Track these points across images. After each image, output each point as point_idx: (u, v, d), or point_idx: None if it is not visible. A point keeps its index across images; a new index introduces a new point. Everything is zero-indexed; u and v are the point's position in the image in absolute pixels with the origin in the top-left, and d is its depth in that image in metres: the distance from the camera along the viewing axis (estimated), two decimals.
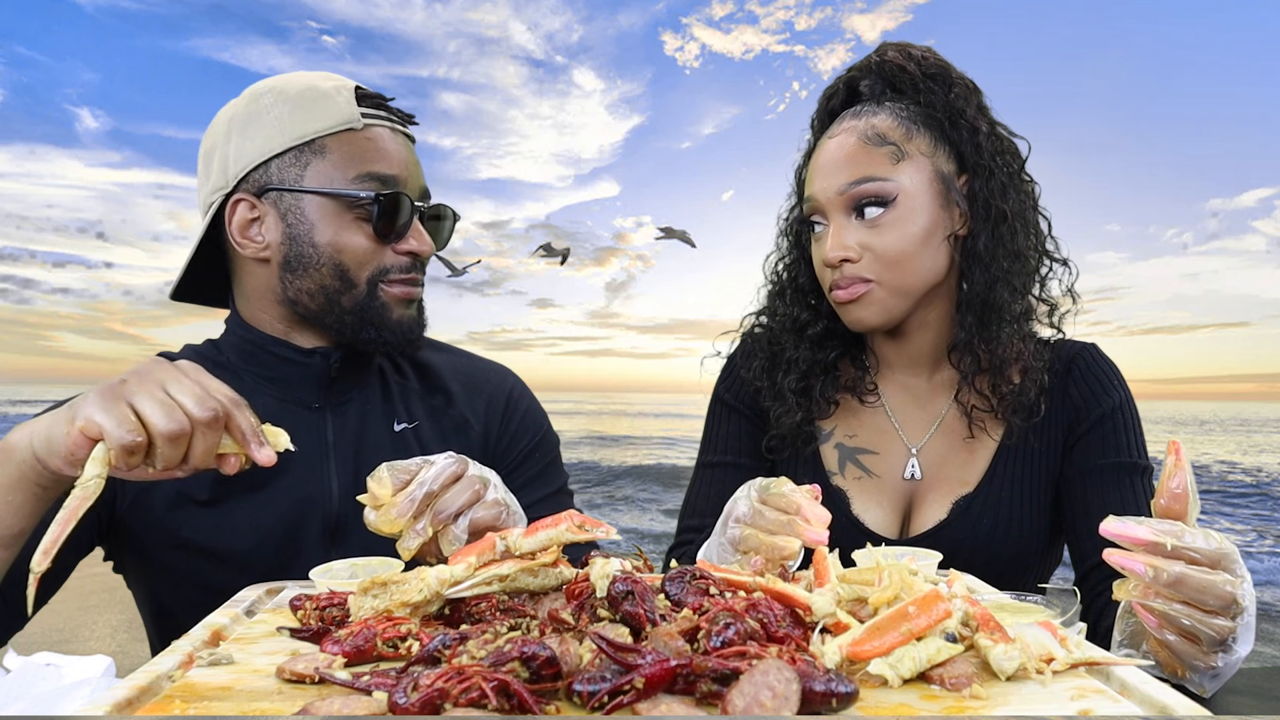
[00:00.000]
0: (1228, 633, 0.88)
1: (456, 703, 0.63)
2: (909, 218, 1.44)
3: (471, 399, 1.60)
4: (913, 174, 1.45)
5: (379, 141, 1.40)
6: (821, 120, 1.59)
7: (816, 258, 1.52)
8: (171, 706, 0.71)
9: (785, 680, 0.62)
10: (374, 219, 1.37)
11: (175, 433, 0.94)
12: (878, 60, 1.53)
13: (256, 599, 1.11)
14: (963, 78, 1.53)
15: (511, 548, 0.99)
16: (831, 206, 1.46)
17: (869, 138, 1.46)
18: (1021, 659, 0.75)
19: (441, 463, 1.14)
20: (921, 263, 1.46)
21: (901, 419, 1.61)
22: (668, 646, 0.71)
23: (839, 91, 1.57)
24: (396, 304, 1.43)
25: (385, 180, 1.38)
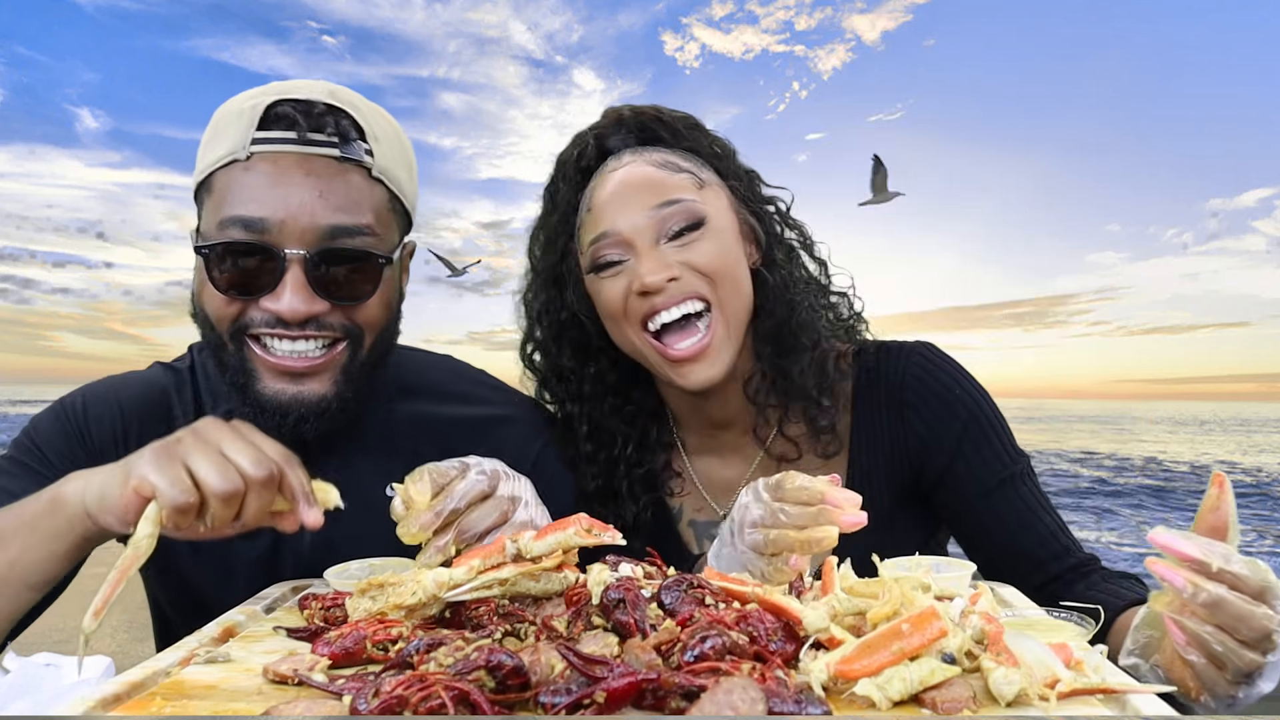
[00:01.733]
0: (1256, 666, 0.83)
1: (415, 710, 0.62)
2: (721, 237, 1.35)
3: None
4: (715, 200, 1.38)
5: (258, 176, 1.17)
6: (573, 181, 1.44)
7: (617, 292, 1.35)
8: (153, 704, 0.72)
9: (750, 699, 0.59)
10: (210, 271, 1.18)
11: (230, 493, 0.91)
12: (626, 115, 1.44)
13: (280, 595, 1.13)
14: (712, 131, 1.46)
15: (523, 550, 0.98)
16: (638, 233, 1.33)
17: (663, 165, 1.37)
18: (1023, 684, 0.70)
19: (472, 478, 1.12)
20: (741, 281, 1.37)
21: (709, 483, 1.51)
22: (639, 660, 0.69)
23: (588, 149, 1.43)
24: (269, 373, 1.21)
25: (249, 224, 1.16)
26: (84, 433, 1.33)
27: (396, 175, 1.28)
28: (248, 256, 1.17)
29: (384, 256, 1.23)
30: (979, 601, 0.92)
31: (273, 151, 1.18)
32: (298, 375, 1.21)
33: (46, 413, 1.37)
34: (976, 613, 0.85)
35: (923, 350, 1.44)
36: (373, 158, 1.23)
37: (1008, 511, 1.36)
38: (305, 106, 1.20)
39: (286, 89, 1.23)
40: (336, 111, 1.22)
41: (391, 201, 1.28)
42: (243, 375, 1.22)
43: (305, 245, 1.17)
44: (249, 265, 1.17)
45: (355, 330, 1.24)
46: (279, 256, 1.16)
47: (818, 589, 0.99)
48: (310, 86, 1.24)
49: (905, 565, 1.08)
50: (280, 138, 1.18)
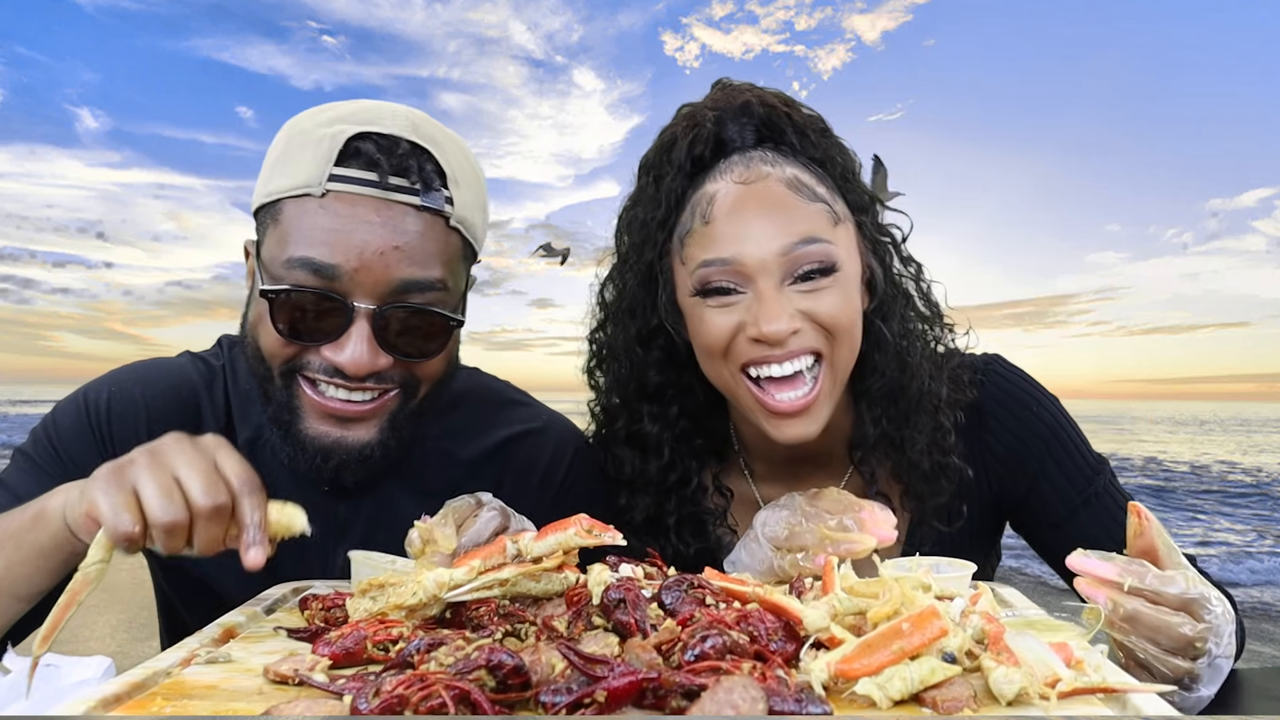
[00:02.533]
0: (1183, 673, 0.89)
1: (416, 710, 0.62)
2: (848, 282, 1.22)
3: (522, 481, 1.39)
4: (845, 241, 1.23)
5: (331, 216, 1.10)
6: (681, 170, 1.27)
7: (722, 327, 1.21)
8: (153, 704, 0.72)
9: (750, 699, 0.59)
10: (274, 316, 1.12)
11: (172, 523, 0.87)
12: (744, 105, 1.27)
13: (280, 596, 1.13)
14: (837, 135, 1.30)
15: (523, 551, 0.98)
16: (764, 269, 1.18)
17: (798, 189, 1.21)
18: (1023, 683, 0.70)
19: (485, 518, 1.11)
20: (857, 337, 1.24)
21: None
22: (639, 659, 0.69)
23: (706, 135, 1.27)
24: (315, 415, 1.16)
25: (319, 270, 1.09)
26: (105, 435, 1.27)
27: (473, 222, 1.22)
28: (315, 303, 1.11)
29: (455, 320, 1.19)
30: (979, 601, 0.92)
31: (350, 192, 1.11)
32: (345, 420, 1.17)
33: (69, 405, 1.30)
34: (977, 612, 0.85)
35: (997, 368, 1.37)
36: (452, 206, 1.17)
37: (1094, 526, 1.33)
38: (388, 144, 1.13)
39: (368, 117, 1.15)
40: (420, 152, 1.15)
41: (464, 249, 1.22)
42: (288, 413, 1.17)
43: (375, 298, 1.12)
44: (315, 312, 1.11)
45: (412, 381, 1.20)
46: (348, 308, 1.11)
47: (818, 589, 0.99)
48: (393, 115, 1.16)
49: (905, 565, 1.08)
50: (360, 178, 1.11)
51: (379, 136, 1.13)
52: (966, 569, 1.12)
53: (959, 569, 1.12)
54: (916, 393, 1.28)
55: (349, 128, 1.12)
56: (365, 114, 1.15)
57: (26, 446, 1.28)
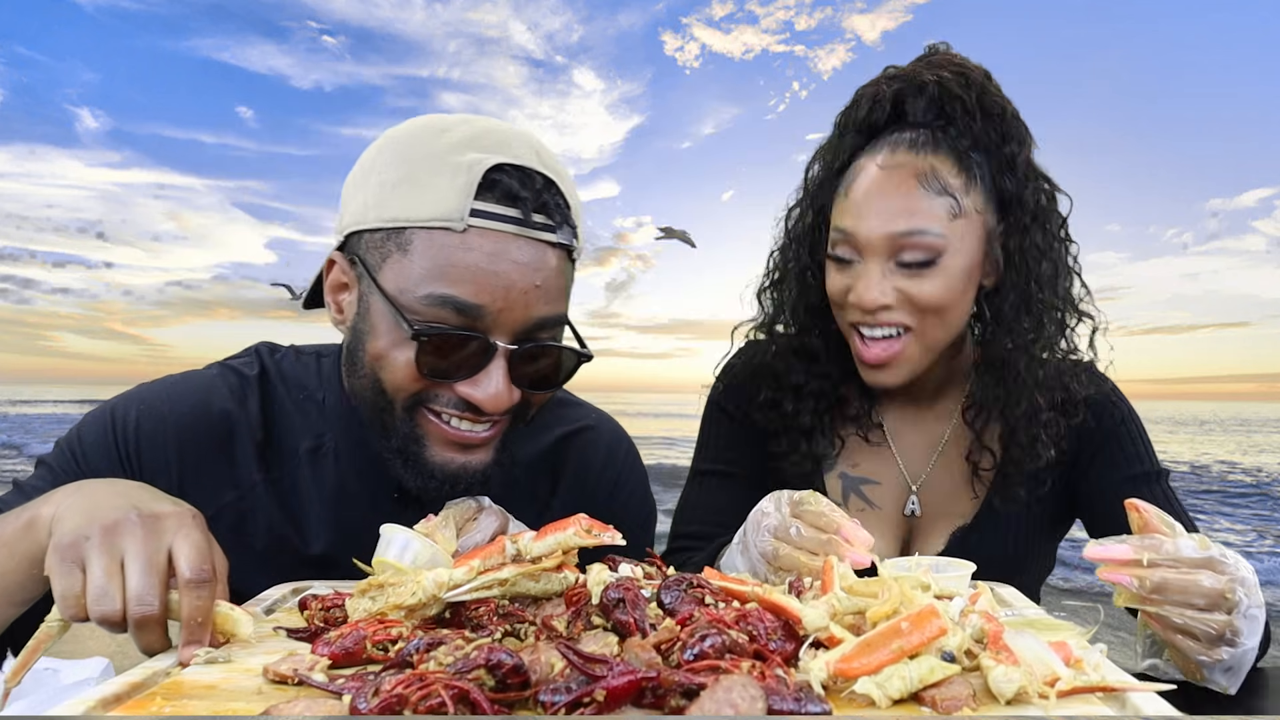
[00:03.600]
0: (1223, 626, 0.93)
1: (415, 709, 0.62)
2: (951, 274, 1.37)
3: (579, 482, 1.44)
4: (965, 232, 1.37)
5: (475, 254, 1.08)
6: (859, 131, 1.44)
7: (839, 286, 1.43)
8: (152, 704, 0.72)
9: (750, 698, 0.59)
10: (419, 354, 1.10)
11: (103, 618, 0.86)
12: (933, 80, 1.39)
13: (280, 597, 1.13)
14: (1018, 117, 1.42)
15: (522, 551, 0.98)
16: (872, 249, 1.36)
17: (927, 182, 1.35)
18: (1022, 682, 0.70)
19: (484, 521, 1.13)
20: (954, 316, 1.41)
21: (901, 446, 1.57)
22: (638, 658, 0.69)
23: (884, 105, 1.42)
24: (441, 444, 1.17)
25: (463, 310, 1.08)
26: (131, 452, 1.25)
27: (580, 251, 1.22)
28: (455, 345, 1.10)
29: (586, 355, 1.22)
30: (978, 601, 0.93)
31: (494, 229, 1.09)
32: (468, 447, 1.18)
33: (96, 420, 1.29)
34: (976, 612, 0.85)
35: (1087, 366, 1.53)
36: (576, 240, 1.18)
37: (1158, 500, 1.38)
38: (525, 178, 1.11)
39: (495, 142, 1.12)
40: (550, 186, 1.14)
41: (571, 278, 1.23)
42: (413, 443, 1.17)
43: (513, 337, 1.12)
44: (455, 353, 1.11)
45: (525, 409, 1.22)
46: (490, 347, 1.11)
47: (817, 589, 0.99)
48: (519, 141, 1.14)
49: (905, 565, 1.08)
50: (502, 214, 1.09)
51: (513, 168, 1.11)
52: (966, 568, 1.12)
53: (959, 569, 1.12)
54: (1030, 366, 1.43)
55: (484, 156, 1.10)
56: (492, 139, 1.13)
57: (49, 457, 1.28)
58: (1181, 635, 0.95)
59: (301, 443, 1.31)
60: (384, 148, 1.17)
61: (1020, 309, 1.41)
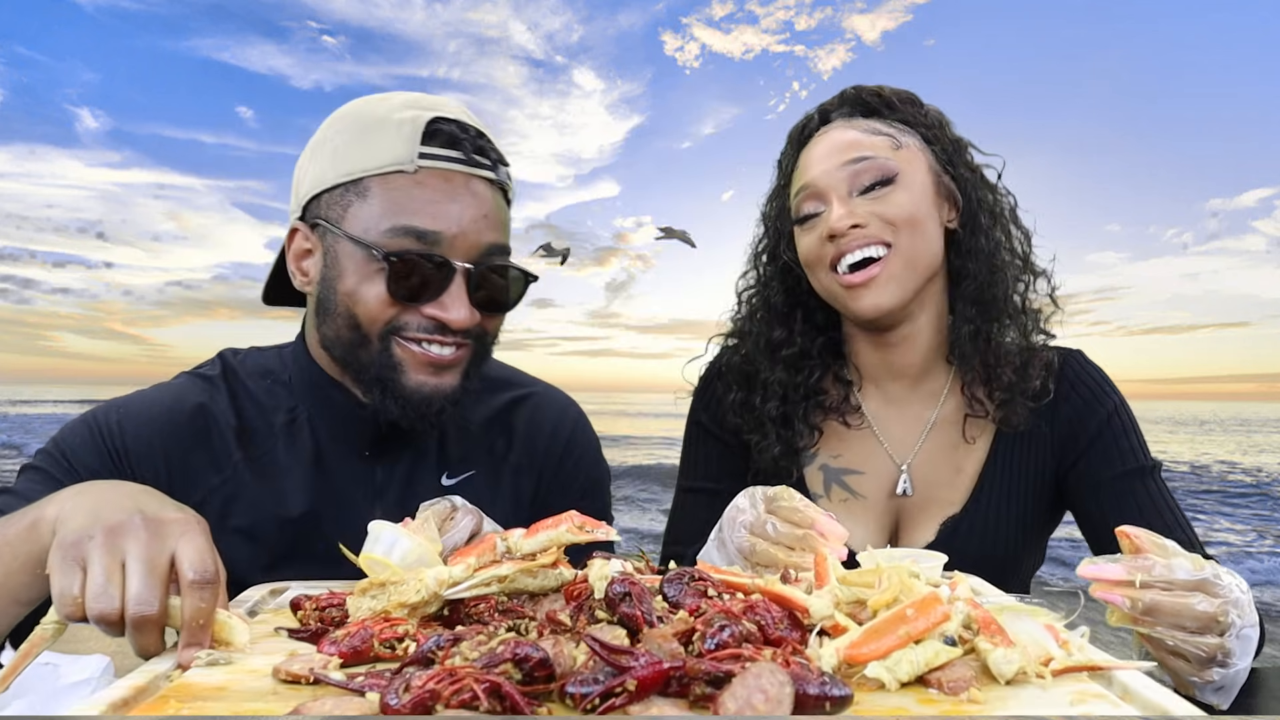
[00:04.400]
0: (1215, 649, 0.93)
1: (448, 704, 0.63)
2: (912, 191, 1.45)
3: (531, 442, 1.53)
4: (910, 159, 1.47)
5: (427, 189, 1.24)
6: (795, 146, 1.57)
7: (812, 241, 1.49)
8: (167, 706, 0.71)
9: (778, 683, 0.61)
10: (390, 279, 1.23)
11: (100, 616, 0.86)
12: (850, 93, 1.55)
13: (260, 599, 1.11)
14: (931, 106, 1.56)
15: (512, 549, 0.99)
16: (833, 185, 1.45)
17: (864, 130, 1.48)
18: (1021, 662, 0.74)
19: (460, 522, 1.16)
20: (928, 232, 1.46)
21: (887, 433, 1.59)
22: (661, 649, 0.71)
23: (812, 121, 1.56)
24: (415, 367, 1.28)
25: (423, 236, 1.22)
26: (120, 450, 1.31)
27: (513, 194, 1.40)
28: (421, 266, 1.23)
29: (531, 275, 1.35)
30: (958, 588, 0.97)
31: (442, 168, 1.25)
32: (439, 368, 1.29)
33: (75, 427, 1.33)
34: (960, 599, 0.89)
35: (1076, 354, 1.58)
36: (510, 182, 1.35)
37: (1134, 499, 1.45)
38: (461, 127, 1.28)
39: (433, 104, 1.30)
40: (483, 136, 1.31)
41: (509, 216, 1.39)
42: (390, 370, 1.28)
43: (469, 259, 1.26)
44: (420, 274, 1.23)
45: (484, 336, 1.34)
46: (450, 268, 1.24)
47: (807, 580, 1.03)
48: (450, 103, 1.32)
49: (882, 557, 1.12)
50: (447, 155, 1.26)
51: (450, 120, 1.28)
52: (938, 559, 1.16)
53: (931, 559, 1.17)
54: (1005, 294, 1.50)
55: (424, 112, 1.27)
56: (427, 101, 1.31)
57: (37, 462, 1.29)
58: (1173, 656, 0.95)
59: (275, 419, 1.41)
60: (332, 123, 1.32)
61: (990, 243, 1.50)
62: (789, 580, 1.04)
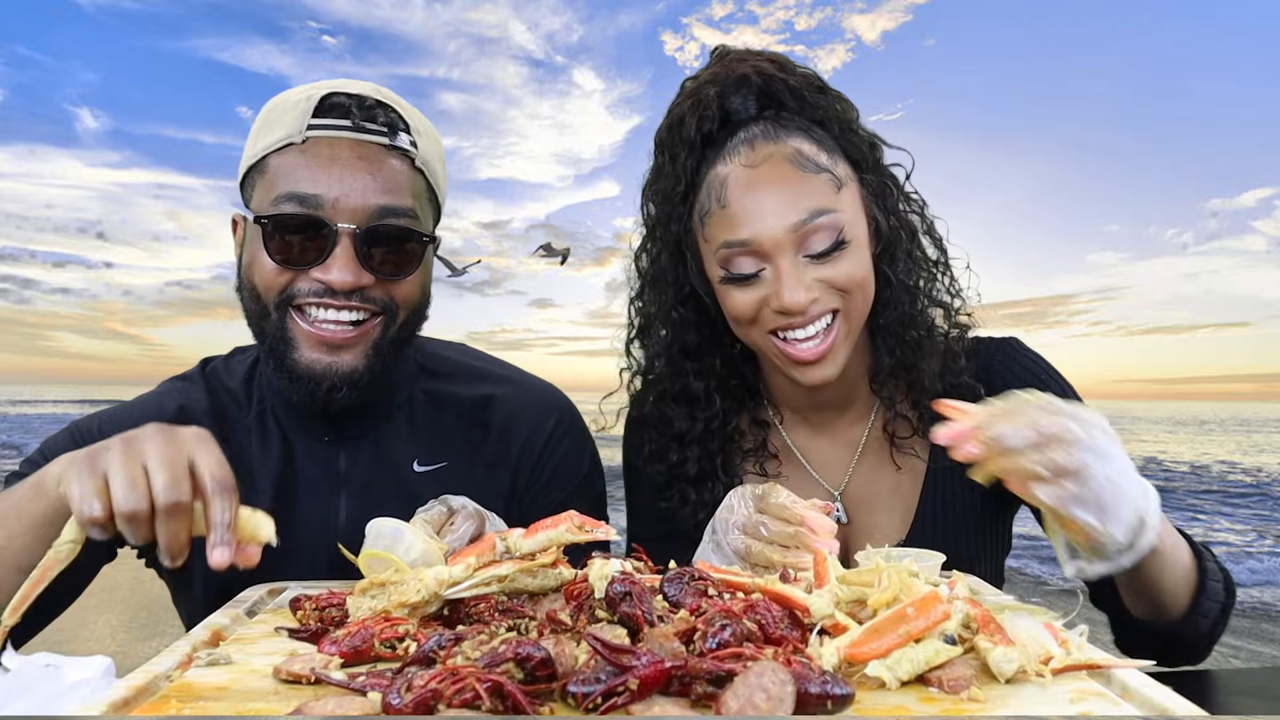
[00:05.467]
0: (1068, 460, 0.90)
1: (450, 703, 0.63)
2: (858, 247, 1.32)
3: (507, 438, 1.47)
4: (850, 204, 1.33)
5: (313, 155, 1.25)
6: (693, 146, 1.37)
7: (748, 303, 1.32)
8: (168, 706, 0.71)
9: (780, 682, 0.61)
10: (269, 242, 1.24)
11: (132, 513, 0.88)
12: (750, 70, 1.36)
13: (258, 599, 1.11)
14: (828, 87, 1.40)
15: (511, 549, 0.99)
16: (779, 247, 1.28)
17: (800, 164, 1.30)
18: (1021, 661, 0.75)
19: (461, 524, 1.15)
20: (870, 286, 1.35)
21: (815, 461, 1.50)
22: (663, 648, 0.71)
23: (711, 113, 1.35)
24: (309, 343, 1.26)
25: (304, 200, 1.23)
26: None
27: (434, 168, 1.37)
28: (301, 229, 1.23)
29: (426, 236, 1.32)
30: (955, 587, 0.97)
31: (328, 137, 1.26)
32: (334, 346, 1.27)
33: (60, 436, 1.40)
34: (959, 598, 0.89)
35: (1011, 342, 1.49)
36: (416, 149, 1.32)
37: None
38: (357, 99, 1.29)
39: (338, 84, 1.32)
40: (385, 105, 1.31)
41: (429, 191, 1.37)
42: (282, 344, 1.27)
43: (355, 221, 1.24)
44: (302, 237, 1.24)
45: (392, 306, 1.30)
46: (331, 229, 1.23)
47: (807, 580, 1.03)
48: (359, 85, 1.34)
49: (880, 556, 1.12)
50: (335, 124, 1.27)
51: (348, 94, 1.29)
52: (936, 559, 1.17)
53: (929, 559, 1.17)
54: (926, 320, 1.41)
55: (322, 89, 1.29)
56: (335, 83, 1.32)
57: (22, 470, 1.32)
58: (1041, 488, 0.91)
59: (249, 413, 1.44)
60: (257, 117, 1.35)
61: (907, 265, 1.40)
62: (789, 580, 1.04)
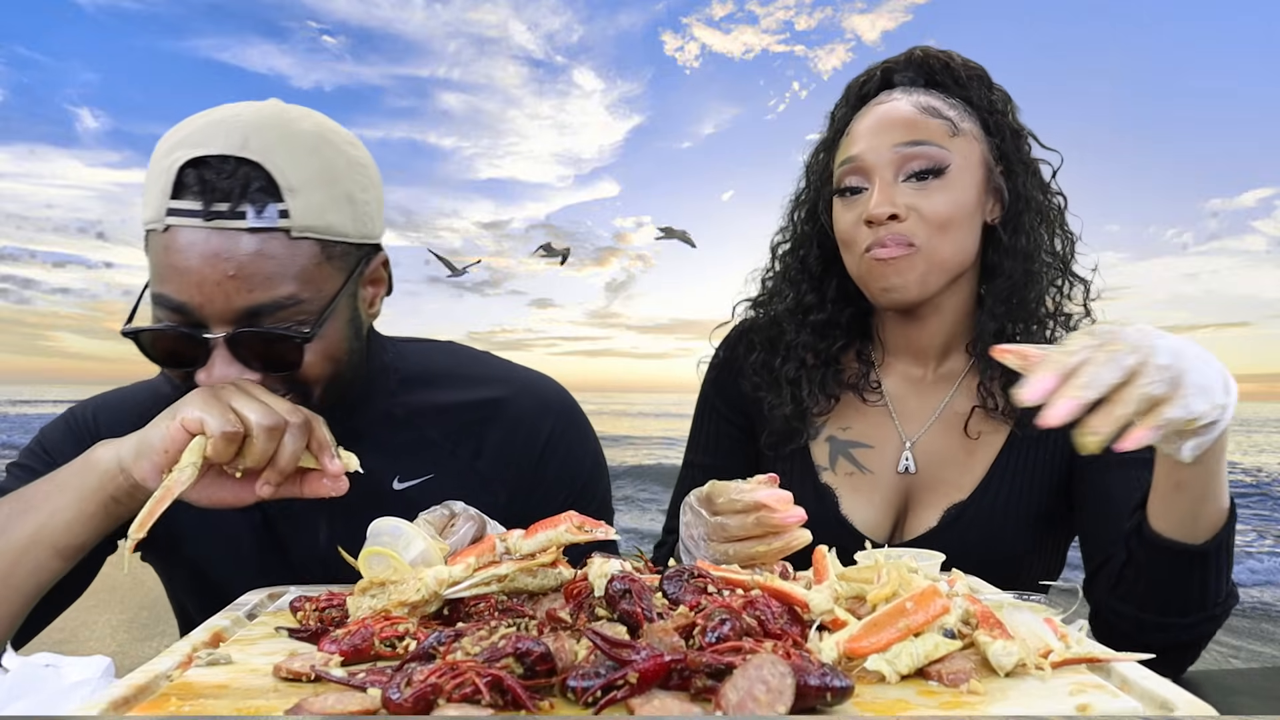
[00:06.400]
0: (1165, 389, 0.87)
1: (450, 698, 0.63)
2: (959, 189, 1.41)
3: (504, 451, 1.42)
4: (965, 151, 1.43)
5: (174, 252, 1.10)
6: (851, 104, 1.52)
7: (849, 220, 1.44)
8: (168, 705, 0.71)
9: (779, 675, 0.62)
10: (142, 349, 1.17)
11: (272, 425, 1.02)
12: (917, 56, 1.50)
13: (258, 602, 1.12)
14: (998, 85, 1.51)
15: (511, 549, 0.99)
16: (880, 166, 1.40)
17: (923, 108, 1.42)
18: (1020, 655, 0.75)
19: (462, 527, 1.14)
20: (963, 236, 1.43)
21: (900, 409, 1.56)
22: (662, 642, 0.71)
23: (874, 79, 1.51)
24: None
25: (174, 308, 1.12)
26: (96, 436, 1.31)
27: (326, 222, 1.16)
28: (175, 341, 1.14)
29: (300, 337, 1.14)
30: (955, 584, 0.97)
31: (184, 225, 1.10)
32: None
33: (55, 423, 1.38)
34: (959, 594, 0.90)
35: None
36: (289, 218, 1.11)
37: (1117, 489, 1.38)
38: (213, 169, 1.09)
39: (202, 138, 1.11)
40: (249, 166, 1.10)
41: (323, 252, 1.17)
42: None
43: (224, 326, 1.12)
44: (178, 348, 1.15)
45: (300, 385, 1.19)
46: (201, 341, 1.13)
47: (807, 577, 1.03)
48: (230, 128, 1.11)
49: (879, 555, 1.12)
50: (188, 209, 1.09)
51: (206, 161, 1.10)
52: (937, 558, 1.17)
53: (929, 557, 1.17)
54: (1038, 296, 1.46)
55: (183, 154, 1.10)
56: (201, 134, 1.12)
57: (20, 460, 1.33)
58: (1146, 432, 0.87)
59: None
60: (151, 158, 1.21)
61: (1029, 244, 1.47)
62: (788, 576, 1.04)
